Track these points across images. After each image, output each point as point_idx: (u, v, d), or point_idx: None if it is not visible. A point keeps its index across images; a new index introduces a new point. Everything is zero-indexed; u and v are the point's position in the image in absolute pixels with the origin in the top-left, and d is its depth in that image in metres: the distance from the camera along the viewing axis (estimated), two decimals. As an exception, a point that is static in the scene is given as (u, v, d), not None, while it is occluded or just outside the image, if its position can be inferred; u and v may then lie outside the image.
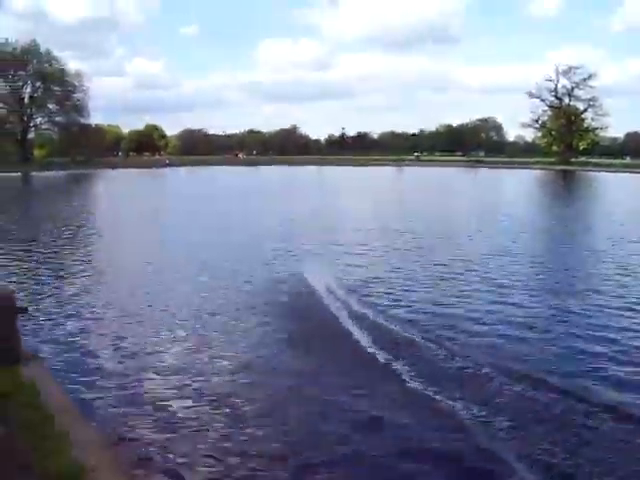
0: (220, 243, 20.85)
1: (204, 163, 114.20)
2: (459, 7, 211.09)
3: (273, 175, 78.40)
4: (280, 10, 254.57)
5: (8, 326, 6.71)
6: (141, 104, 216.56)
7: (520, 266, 17.21)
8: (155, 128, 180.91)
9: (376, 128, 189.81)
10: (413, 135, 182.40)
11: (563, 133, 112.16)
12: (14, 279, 14.44)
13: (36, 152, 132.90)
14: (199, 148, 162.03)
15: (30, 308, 9.54)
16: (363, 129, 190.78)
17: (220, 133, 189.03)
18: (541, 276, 16.30)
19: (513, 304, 12.85)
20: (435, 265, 17.07)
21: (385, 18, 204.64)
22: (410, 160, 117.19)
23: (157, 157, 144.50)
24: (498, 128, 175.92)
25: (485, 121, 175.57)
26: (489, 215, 30.14)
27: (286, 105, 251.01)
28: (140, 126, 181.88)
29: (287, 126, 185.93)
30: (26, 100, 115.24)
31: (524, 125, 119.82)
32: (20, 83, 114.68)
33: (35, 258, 17.56)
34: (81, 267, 16.24)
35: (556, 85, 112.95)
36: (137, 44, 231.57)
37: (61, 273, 15.48)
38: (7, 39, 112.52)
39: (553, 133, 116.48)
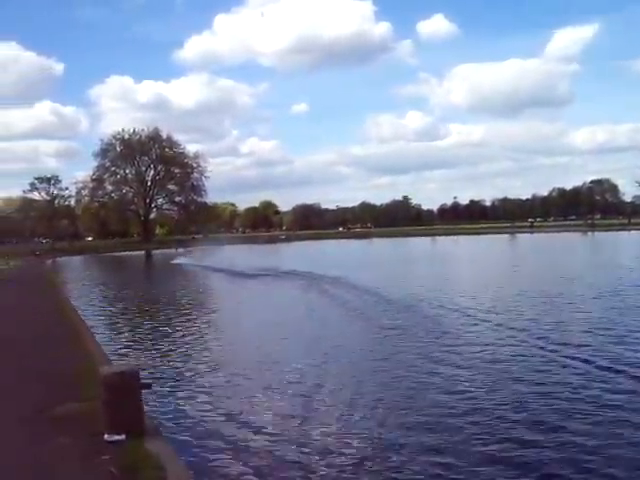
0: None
1: (318, 237, 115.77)
2: (564, 69, 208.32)
3: (392, 246, 77.93)
4: (386, 85, 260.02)
5: (133, 402, 6.69)
6: (255, 182, 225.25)
7: None
8: (269, 204, 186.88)
9: (488, 195, 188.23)
10: (526, 201, 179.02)
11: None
12: (137, 353, 14.63)
13: (157, 230, 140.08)
14: (312, 222, 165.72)
15: (153, 383, 9.57)
16: (475, 197, 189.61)
17: (333, 207, 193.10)
18: None
19: None
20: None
21: (490, 85, 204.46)
22: (524, 227, 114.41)
23: (273, 232, 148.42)
24: (614, 189, 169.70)
25: (600, 182, 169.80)
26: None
27: (397, 176, 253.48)
28: (255, 203, 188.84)
29: (398, 197, 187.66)
30: (149, 183, 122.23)
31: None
32: (144, 167, 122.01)
33: (158, 332, 17.82)
34: (206, 342, 16.24)
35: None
36: (250, 125, 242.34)
37: (185, 347, 15.52)
38: (134, 129, 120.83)
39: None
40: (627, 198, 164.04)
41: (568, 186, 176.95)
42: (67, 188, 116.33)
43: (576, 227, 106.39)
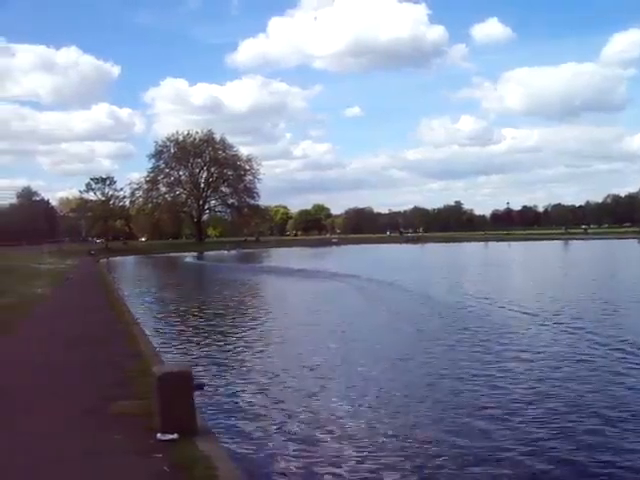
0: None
1: (369, 241, 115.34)
2: (621, 73, 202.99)
3: (446, 251, 77.10)
4: (439, 89, 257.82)
5: (186, 402, 6.76)
6: (308, 185, 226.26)
7: None
8: (322, 208, 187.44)
9: (541, 201, 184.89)
10: (580, 207, 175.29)
11: None
12: (192, 353, 14.80)
13: (210, 231, 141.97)
14: (364, 226, 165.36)
15: (207, 383, 9.66)
16: (528, 203, 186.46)
17: (385, 211, 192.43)
18: None
19: None
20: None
21: (545, 90, 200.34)
22: (578, 234, 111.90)
23: (325, 236, 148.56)
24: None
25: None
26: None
27: (449, 181, 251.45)
28: (307, 206, 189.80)
29: (451, 202, 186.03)
30: (202, 185, 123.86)
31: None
32: (197, 169, 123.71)
33: (211, 333, 17.98)
34: (258, 341, 16.32)
35: None
36: (304, 128, 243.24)
37: (237, 347, 15.63)
38: (188, 131, 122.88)
39: None
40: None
41: (623, 192, 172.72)
42: (122, 189, 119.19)
43: (632, 234, 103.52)
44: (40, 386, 9.15)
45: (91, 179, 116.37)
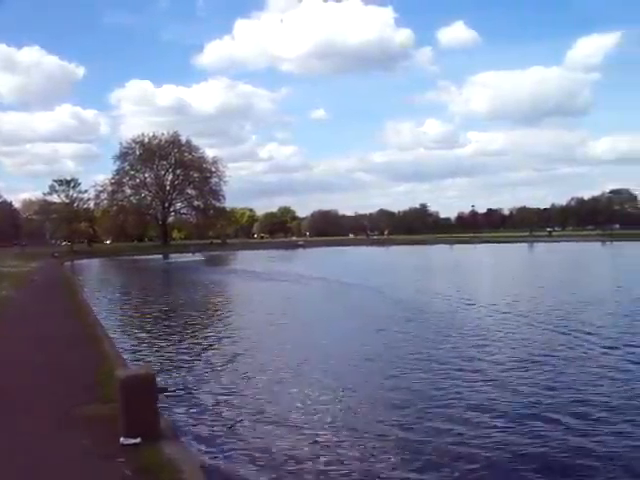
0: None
1: (335, 244, 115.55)
2: (586, 78, 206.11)
3: (411, 254, 77.40)
4: (405, 92, 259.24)
5: (149, 405, 6.75)
6: (274, 187, 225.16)
7: None
8: (288, 210, 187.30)
9: (507, 204, 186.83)
10: (545, 210, 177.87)
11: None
12: (157, 355, 14.74)
13: (175, 234, 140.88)
14: (330, 229, 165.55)
15: (170, 386, 9.64)
16: (493, 205, 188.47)
17: (351, 214, 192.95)
18: None
19: None
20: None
21: (510, 93, 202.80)
22: (542, 236, 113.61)
23: (291, 238, 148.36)
24: (633, 199, 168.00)
25: (619, 193, 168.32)
26: None
27: (416, 184, 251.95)
28: (273, 208, 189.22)
29: (416, 205, 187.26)
30: (168, 187, 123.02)
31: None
32: (163, 172, 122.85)
33: (175, 335, 17.93)
34: (224, 343, 16.30)
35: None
36: (270, 130, 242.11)
37: (203, 349, 15.60)
38: (154, 133, 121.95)
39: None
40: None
41: (587, 196, 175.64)
42: (86, 191, 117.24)
43: (595, 236, 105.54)
44: (3, 388, 9.04)
45: (55, 181, 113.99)
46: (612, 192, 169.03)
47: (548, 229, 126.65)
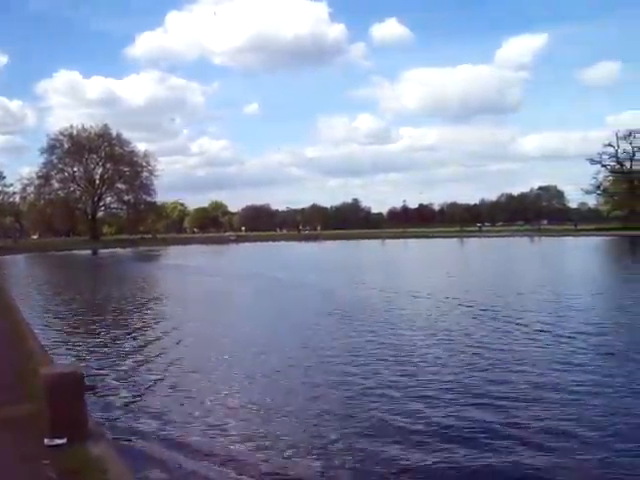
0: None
1: (268, 239, 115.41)
2: (514, 76, 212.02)
3: (345, 249, 77.76)
4: (339, 87, 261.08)
5: (76, 404, 6.56)
6: (206, 181, 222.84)
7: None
8: (219, 205, 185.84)
9: (438, 199, 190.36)
10: (475, 206, 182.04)
11: (625, 198, 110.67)
12: (84, 352, 14.41)
13: (105, 229, 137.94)
14: (262, 224, 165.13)
15: (98, 384, 9.46)
16: (425, 201, 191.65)
17: (283, 209, 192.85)
18: None
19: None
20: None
21: (442, 90, 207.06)
22: (473, 231, 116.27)
23: (225, 233, 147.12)
24: (560, 196, 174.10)
25: (547, 189, 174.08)
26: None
27: (348, 179, 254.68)
28: (205, 203, 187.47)
29: (349, 200, 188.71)
30: (97, 181, 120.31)
31: (587, 192, 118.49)
32: (92, 165, 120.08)
33: (103, 332, 17.56)
34: (153, 339, 16.08)
35: (617, 150, 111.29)
36: (202, 124, 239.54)
37: (132, 346, 15.33)
38: (83, 126, 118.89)
39: (615, 198, 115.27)
40: (573, 205, 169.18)
41: (517, 192, 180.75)
42: (12, 184, 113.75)
43: (523, 232, 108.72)
44: None
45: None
46: (540, 188, 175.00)
47: (478, 224, 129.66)
